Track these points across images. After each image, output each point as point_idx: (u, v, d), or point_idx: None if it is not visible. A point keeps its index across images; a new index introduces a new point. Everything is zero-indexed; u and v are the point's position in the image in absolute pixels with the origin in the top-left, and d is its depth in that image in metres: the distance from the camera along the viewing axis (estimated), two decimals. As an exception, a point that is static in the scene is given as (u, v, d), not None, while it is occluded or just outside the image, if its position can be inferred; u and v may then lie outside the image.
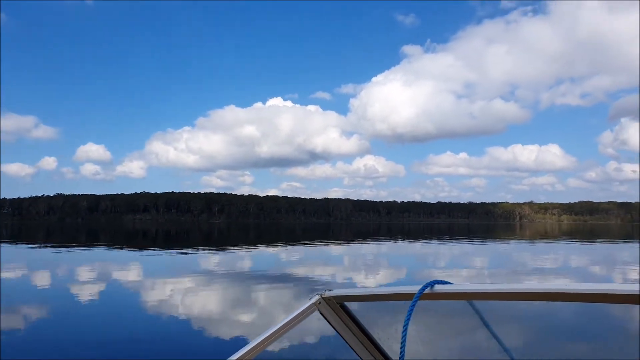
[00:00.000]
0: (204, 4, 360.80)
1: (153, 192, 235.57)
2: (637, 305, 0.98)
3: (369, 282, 15.67)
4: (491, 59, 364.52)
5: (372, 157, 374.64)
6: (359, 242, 41.05)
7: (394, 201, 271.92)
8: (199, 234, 64.13)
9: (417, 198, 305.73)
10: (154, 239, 47.46)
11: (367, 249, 33.44)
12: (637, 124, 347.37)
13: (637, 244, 39.34)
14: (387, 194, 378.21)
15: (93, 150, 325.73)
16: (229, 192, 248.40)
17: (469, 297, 1.39)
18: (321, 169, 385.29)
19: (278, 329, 1.50)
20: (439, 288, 1.36)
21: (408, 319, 1.33)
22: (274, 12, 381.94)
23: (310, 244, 37.50)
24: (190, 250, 30.08)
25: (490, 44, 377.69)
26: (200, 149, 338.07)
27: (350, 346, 1.69)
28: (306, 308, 1.59)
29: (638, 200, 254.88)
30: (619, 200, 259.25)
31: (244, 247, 34.51)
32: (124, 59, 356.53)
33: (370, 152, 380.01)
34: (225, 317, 9.95)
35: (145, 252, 28.49)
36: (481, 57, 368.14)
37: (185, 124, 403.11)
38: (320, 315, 1.64)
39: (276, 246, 34.95)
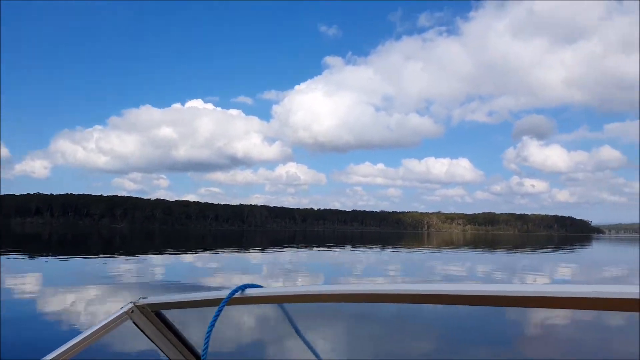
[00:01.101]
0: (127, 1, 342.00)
1: (49, 193, 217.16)
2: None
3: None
4: (408, 75, 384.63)
5: (295, 165, 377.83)
6: (272, 251, 40.10)
7: (311, 208, 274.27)
8: (96, 239, 59.38)
9: (337, 206, 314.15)
10: (33, 243, 42.95)
11: (268, 257, 32.65)
12: (536, 142, 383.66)
13: (529, 253, 42.43)
14: (308, 201, 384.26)
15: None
16: (142, 196, 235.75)
17: (279, 300, 1.42)
18: (242, 175, 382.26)
19: (83, 338, 1.47)
20: (249, 292, 1.38)
21: (212, 324, 1.37)
22: (197, 13, 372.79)
23: (208, 251, 35.90)
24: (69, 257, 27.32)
25: (407, 60, 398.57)
26: (112, 150, 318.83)
27: (165, 354, 1.66)
28: (117, 317, 1.56)
29: (534, 213, 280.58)
30: (518, 212, 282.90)
31: (122, 255, 32.11)
32: (31, 49, 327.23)
33: (292, 160, 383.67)
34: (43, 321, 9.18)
35: None
36: (399, 72, 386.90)
37: (96, 122, 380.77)
38: (132, 323, 1.60)
39: (164, 253, 32.99)
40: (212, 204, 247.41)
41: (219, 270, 21.39)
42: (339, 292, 1.26)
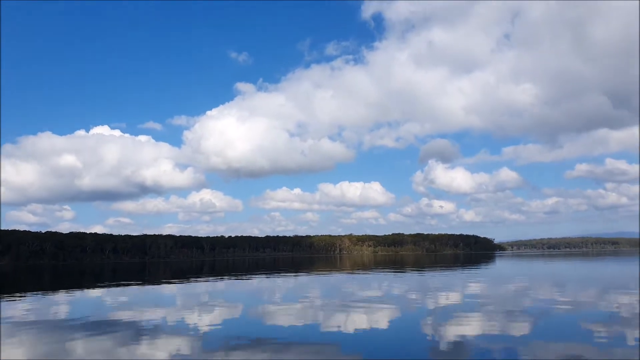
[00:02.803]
0: (26, 20, 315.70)
1: None
2: None
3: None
4: (319, 102, 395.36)
5: (209, 191, 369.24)
6: (169, 282, 38.51)
7: (221, 236, 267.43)
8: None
9: (256, 232, 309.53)
10: None
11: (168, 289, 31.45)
12: (442, 165, 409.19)
13: (438, 272, 44.94)
14: (225, 228, 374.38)
15: None
16: (42, 229, 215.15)
17: None
18: (153, 203, 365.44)
19: None
20: None
21: None
22: (104, 36, 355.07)
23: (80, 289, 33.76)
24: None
25: (318, 87, 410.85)
26: (6, 180, 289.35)
27: None
28: None
29: (441, 233, 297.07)
30: (426, 232, 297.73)
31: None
32: None
33: (206, 186, 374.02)
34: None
35: None
36: (310, 99, 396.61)
37: None
38: None
39: (55, 291, 30.59)
40: (110, 234, 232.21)
41: (127, 304, 20.09)
42: None
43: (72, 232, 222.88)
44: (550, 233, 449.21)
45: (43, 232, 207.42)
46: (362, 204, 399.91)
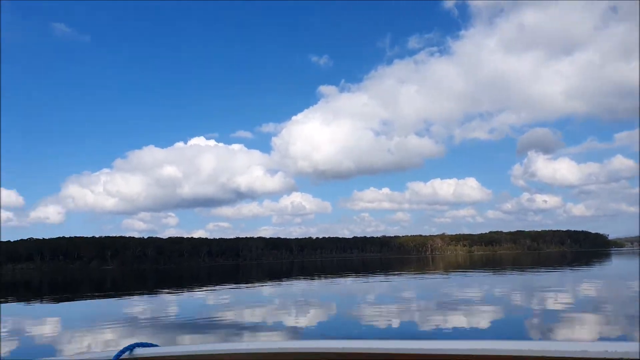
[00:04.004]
0: (111, 40, 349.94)
1: (40, 237, 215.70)
2: None
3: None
4: (403, 98, 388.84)
5: (299, 195, 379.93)
6: (264, 283, 39.89)
7: (309, 238, 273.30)
8: (88, 282, 58.88)
9: (346, 233, 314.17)
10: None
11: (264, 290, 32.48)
12: (543, 156, 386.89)
13: (542, 273, 42.44)
14: (316, 230, 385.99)
15: (4, 195, 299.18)
16: (152, 235, 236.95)
17: None
18: (248, 208, 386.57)
19: None
20: (140, 352, 1.26)
21: None
22: (191, 53, 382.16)
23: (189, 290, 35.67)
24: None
25: (401, 83, 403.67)
26: (118, 192, 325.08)
27: None
28: None
29: (544, 229, 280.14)
30: (529, 230, 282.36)
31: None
32: (28, 95, 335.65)
33: (296, 190, 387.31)
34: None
35: None
36: (394, 95, 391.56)
37: (102, 166, 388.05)
38: None
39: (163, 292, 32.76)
40: (205, 238, 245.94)
41: (228, 304, 21.30)
42: (253, 350, 1.10)
43: (170, 237, 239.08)
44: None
45: (145, 237, 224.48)
46: (457, 202, 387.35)
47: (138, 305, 23.65)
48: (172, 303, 24.57)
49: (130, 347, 1.27)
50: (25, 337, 14.37)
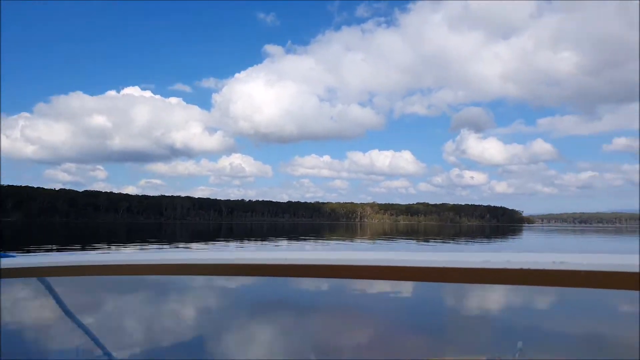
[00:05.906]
0: None
1: None
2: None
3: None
4: (349, 65, 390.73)
5: (240, 156, 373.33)
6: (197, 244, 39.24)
7: (241, 200, 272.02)
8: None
9: (285, 198, 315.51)
10: None
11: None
12: (474, 135, 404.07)
13: (463, 243, 44.94)
14: (255, 193, 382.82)
15: None
16: (78, 188, 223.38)
17: (41, 272, 1.21)
18: (184, 166, 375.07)
19: None
20: (3, 263, 1.17)
21: None
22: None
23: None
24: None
25: (348, 50, 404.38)
26: (39, 138, 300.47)
27: None
28: None
29: (468, 203, 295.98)
30: (453, 203, 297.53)
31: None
32: None
33: (236, 151, 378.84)
34: None
35: None
36: (340, 62, 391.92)
37: (21, 109, 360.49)
38: None
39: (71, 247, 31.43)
40: (126, 194, 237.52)
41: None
42: (119, 262, 1.04)
43: (86, 190, 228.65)
44: (583, 207, 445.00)
45: (56, 189, 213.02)
46: (392, 173, 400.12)
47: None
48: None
49: None
50: None
